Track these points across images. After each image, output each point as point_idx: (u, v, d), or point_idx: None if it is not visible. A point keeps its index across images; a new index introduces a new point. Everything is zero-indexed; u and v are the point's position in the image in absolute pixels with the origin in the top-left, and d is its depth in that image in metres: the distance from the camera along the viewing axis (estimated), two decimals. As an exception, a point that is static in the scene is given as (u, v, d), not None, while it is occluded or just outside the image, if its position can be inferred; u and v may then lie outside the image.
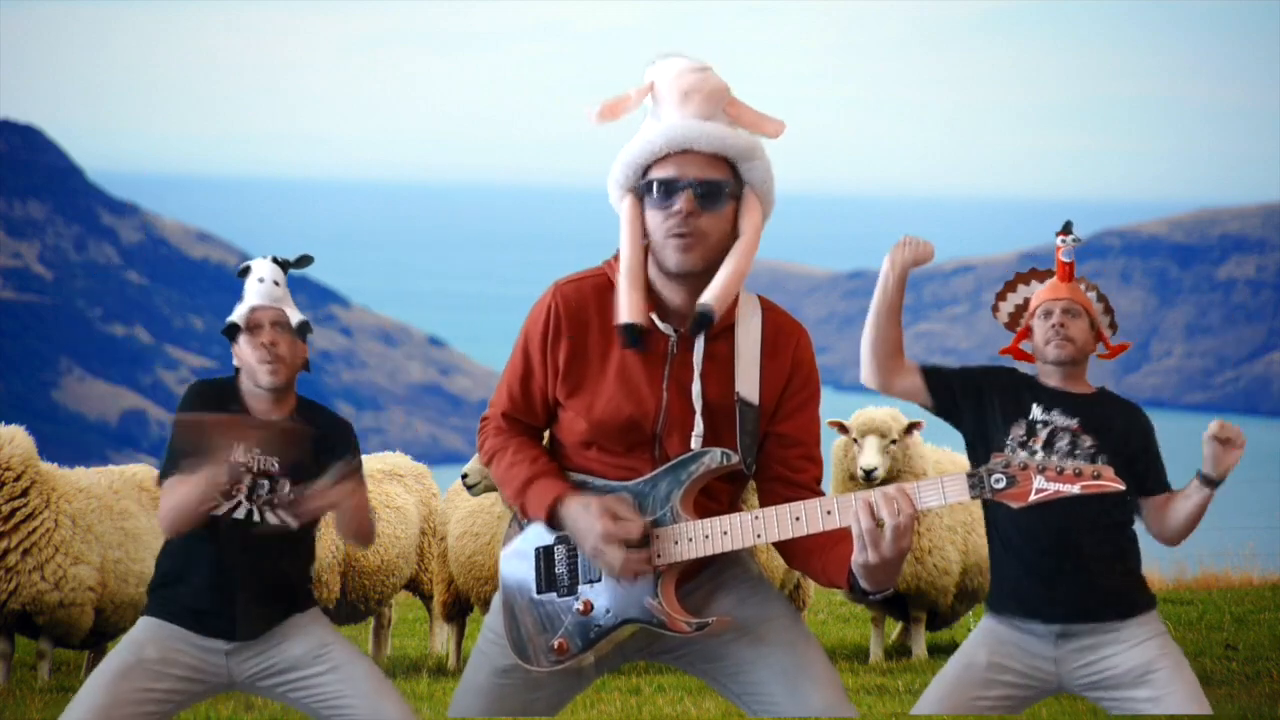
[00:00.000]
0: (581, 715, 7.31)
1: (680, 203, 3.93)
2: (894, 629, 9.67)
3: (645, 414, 3.99)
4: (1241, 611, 10.19)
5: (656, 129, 3.98)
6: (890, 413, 8.81)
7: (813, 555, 4.00)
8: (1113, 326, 5.13)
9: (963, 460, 9.54)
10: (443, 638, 9.50)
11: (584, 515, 3.95)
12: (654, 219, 3.97)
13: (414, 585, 9.52)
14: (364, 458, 9.46)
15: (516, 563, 4.10)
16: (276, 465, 4.84)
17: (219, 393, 4.92)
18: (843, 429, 8.79)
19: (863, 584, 3.88)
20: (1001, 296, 5.23)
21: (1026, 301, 5.17)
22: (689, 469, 3.96)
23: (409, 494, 9.37)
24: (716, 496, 4.05)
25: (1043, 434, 4.89)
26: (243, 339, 4.90)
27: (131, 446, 73.41)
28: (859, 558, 3.82)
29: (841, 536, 3.92)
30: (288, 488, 4.84)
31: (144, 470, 8.82)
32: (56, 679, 8.42)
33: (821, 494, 4.08)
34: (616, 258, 4.04)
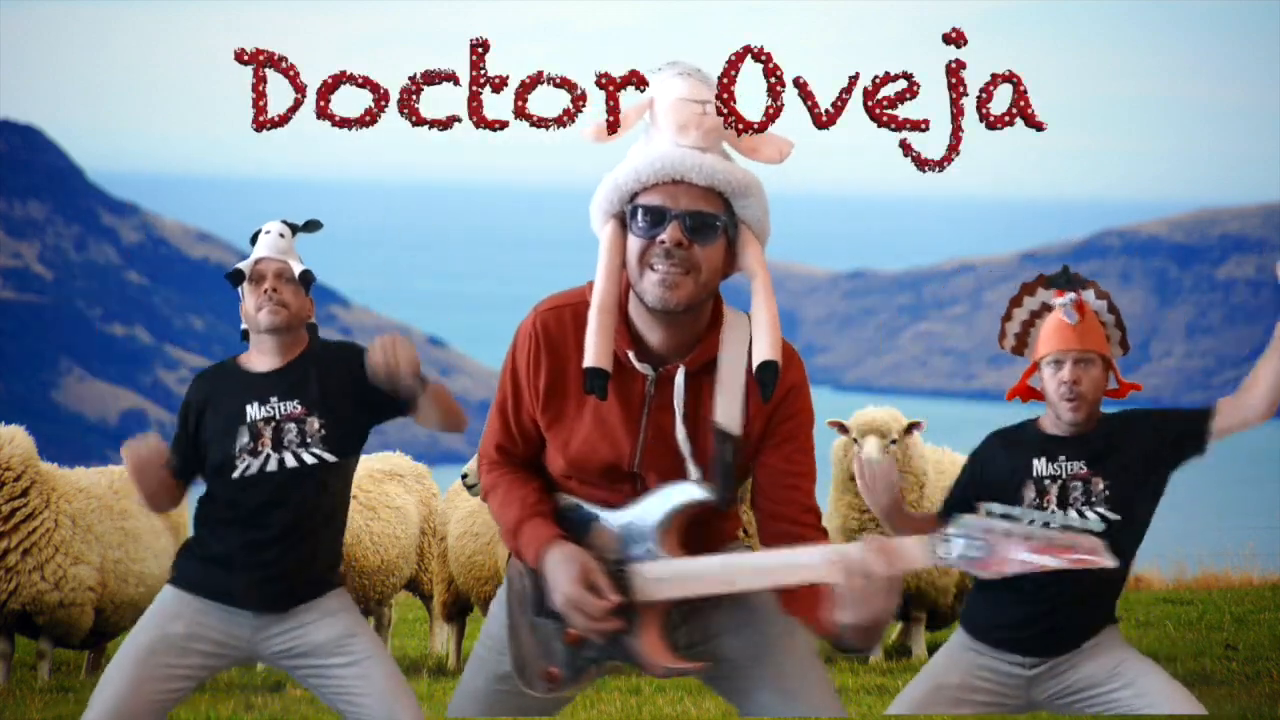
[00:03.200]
0: (581, 715, 7.31)
1: (668, 233, 3.74)
2: (894, 629, 9.67)
3: (621, 456, 3.86)
4: (1241, 611, 10.19)
5: (647, 156, 3.80)
6: (890, 413, 8.81)
7: (797, 601, 3.85)
8: (1123, 345, 4.89)
9: (963, 459, 9.53)
10: (443, 638, 9.50)
11: (562, 570, 3.81)
12: (636, 247, 3.78)
13: (414, 585, 9.52)
14: (364, 458, 9.51)
15: (521, 578, 3.99)
16: (299, 406, 4.90)
17: (219, 372, 5.02)
18: (843, 429, 8.78)
19: (849, 642, 3.74)
20: (1007, 316, 4.93)
21: (1033, 316, 4.88)
22: (667, 506, 3.83)
23: (409, 494, 9.37)
24: (709, 524, 3.92)
25: (1054, 490, 4.77)
26: (246, 288, 5.00)
27: (131, 446, 73.24)
28: (844, 617, 3.67)
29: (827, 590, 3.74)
30: (317, 424, 4.89)
31: (144, 470, 8.81)
32: (56, 679, 8.42)
33: (812, 528, 3.93)
34: None
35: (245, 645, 4.92)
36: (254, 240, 5.09)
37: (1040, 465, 4.79)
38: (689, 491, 3.82)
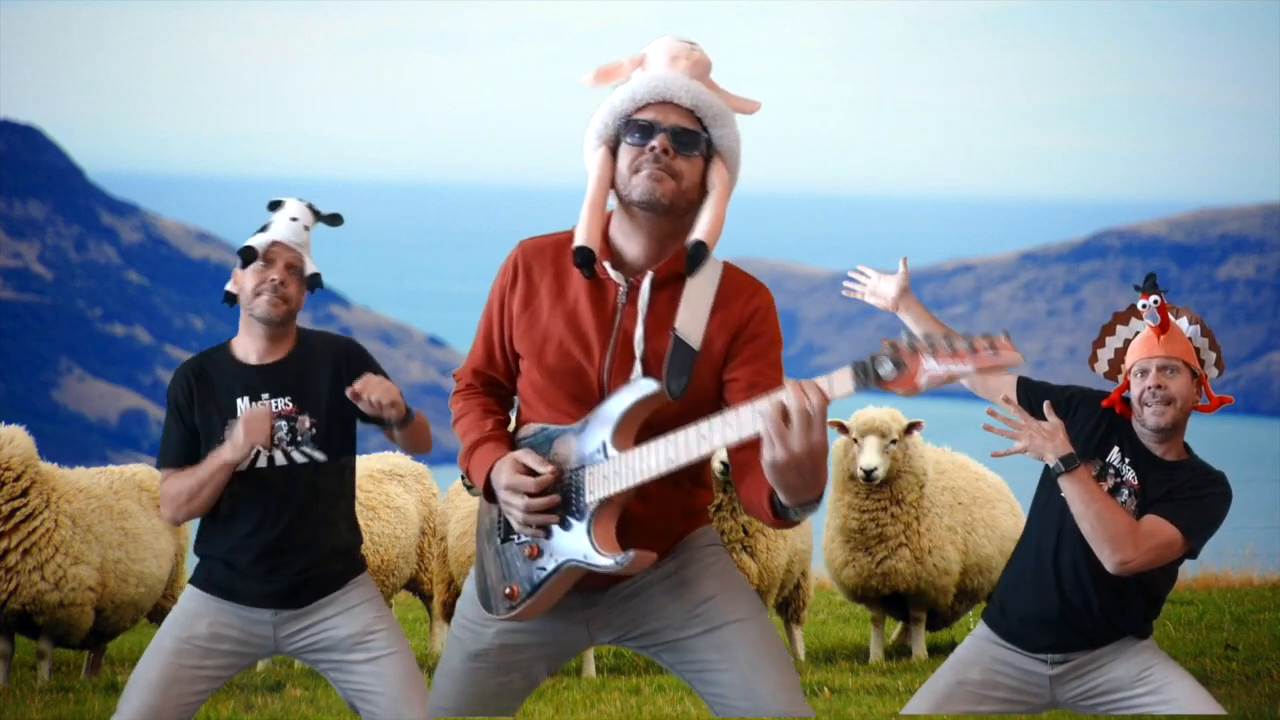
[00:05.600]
0: (581, 715, 7.31)
1: (657, 140, 4.03)
2: (894, 629, 9.67)
3: (591, 361, 4.04)
4: (1241, 611, 10.19)
5: (642, 79, 4.10)
6: (890, 413, 8.79)
7: (744, 477, 3.98)
8: (1218, 366, 4.90)
9: (963, 459, 9.54)
10: (443, 638, 9.49)
11: (501, 471, 4.02)
12: (628, 156, 4.05)
13: (414, 585, 9.52)
14: (364, 458, 9.51)
15: (489, 511, 4.18)
16: (290, 404, 4.88)
17: (207, 362, 4.97)
18: (843, 429, 8.77)
19: (780, 496, 3.76)
20: (1099, 343, 4.98)
21: (1126, 344, 4.92)
22: (621, 405, 3.97)
23: (409, 494, 9.37)
24: (679, 498, 4.08)
25: (1110, 481, 4.80)
26: (251, 268, 4.91)
27: (131, 446, 73.34)
28: (766, 455, 3.69)
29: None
30: (308, 422, 4.88)
31: (144, 470, 8.82)
32: (56, 679, 8.42)
33: None
34: None
35: (268, 642, 4.96)
36: (273, 207, 5.02)
37: (1115, 455, 4.81)
38: (641, 387, 3.97)
